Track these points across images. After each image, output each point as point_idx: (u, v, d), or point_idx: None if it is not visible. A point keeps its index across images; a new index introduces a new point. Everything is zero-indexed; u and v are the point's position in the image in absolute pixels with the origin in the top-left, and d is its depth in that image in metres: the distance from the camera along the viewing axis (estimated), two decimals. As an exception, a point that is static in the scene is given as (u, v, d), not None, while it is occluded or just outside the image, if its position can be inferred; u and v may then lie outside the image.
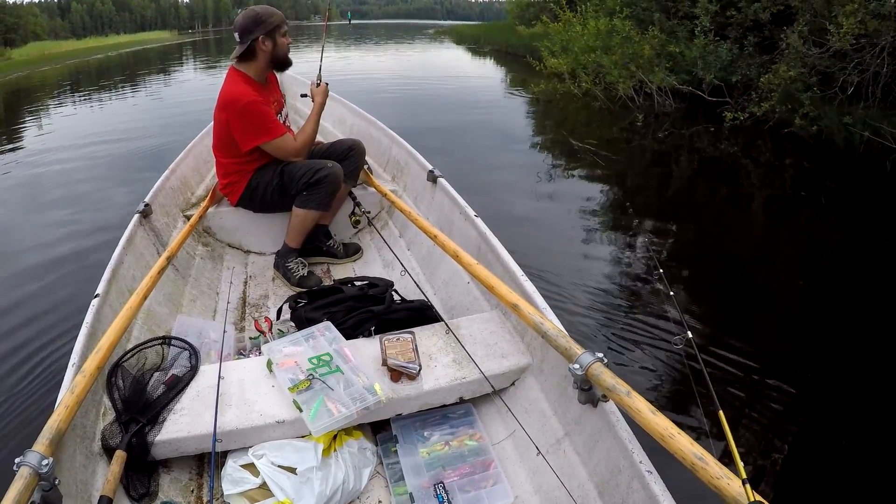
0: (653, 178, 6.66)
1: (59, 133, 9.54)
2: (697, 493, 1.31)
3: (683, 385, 2.80)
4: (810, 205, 5.66)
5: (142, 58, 30.17)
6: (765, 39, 8.49)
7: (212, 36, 75.11)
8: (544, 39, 13.22)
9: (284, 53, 2.95)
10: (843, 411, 2.73)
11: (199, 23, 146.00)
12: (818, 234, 4.91)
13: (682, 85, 9.22)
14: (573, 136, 7.76)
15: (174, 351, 2.05)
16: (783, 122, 7.45)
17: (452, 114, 10.23)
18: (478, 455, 1.88)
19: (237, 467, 1.73)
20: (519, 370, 2.04)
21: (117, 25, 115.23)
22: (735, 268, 4.18)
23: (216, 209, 3.26)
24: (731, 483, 1.14)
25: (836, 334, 3.32)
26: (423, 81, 15.25)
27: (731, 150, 7.38)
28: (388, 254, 3.13)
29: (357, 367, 1.92)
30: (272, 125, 2.85)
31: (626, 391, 1.41)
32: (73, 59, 31.79)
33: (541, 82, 10.87)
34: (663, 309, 3.29)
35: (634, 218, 3.04)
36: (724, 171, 6.82)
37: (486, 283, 2.04)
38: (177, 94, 14.49)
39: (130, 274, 2.42)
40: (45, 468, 1.29)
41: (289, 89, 4.94)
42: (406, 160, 3.66)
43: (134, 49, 40.11)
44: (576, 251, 4.36)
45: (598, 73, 10.42)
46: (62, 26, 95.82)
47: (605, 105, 9.92)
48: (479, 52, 25.63)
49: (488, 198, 5.25)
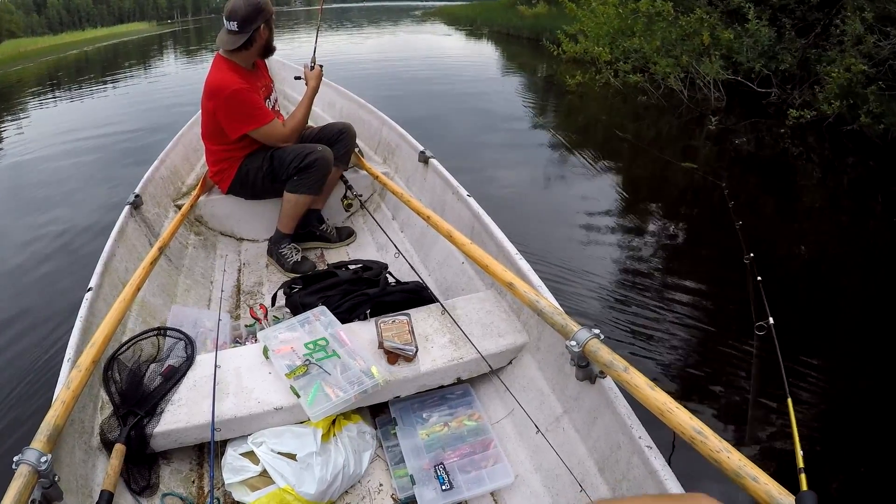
0: (742, 182, 5.75)
1: (40, 131, 9.39)
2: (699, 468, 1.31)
3: (744, 370, 2.77)
4: (877, 208, 5.13)
5: (121, 51, 29.44)
6: (799, 21, 7.59)
7: (191, 26, 74.18)
8: (558, 21, 12.29)
9: (272, 41, 2.92)
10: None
11: (178, 13, 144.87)
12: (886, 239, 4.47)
13: (731, 75, 8.06)
14: (650, 146, 6.80)
15: (170, 342, 2.04)
16: (841, 119, 6.55)
17: (480, 115, 8.64)
18: (477, 435, 1.89)
19: (237, 456, 1.73)
20: (516, 349, 2.04)
21: (95, 19, 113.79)
22: (804, 267, 4.01)
23: (207, 197, 3.24)
24: (731, 456, 1.14)
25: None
26: (430, 71, 13.49)
27: (792, 149, 6.59)
28: (381, 236, 3.12)
29: (353, 350, 1.91)
30: (260, 112, 2.82)
31: (624, 367, 1.40)
32: (50, 56, 30.82)
33: (576, 73, 9.14)
34: (737, 295, 3.14)
35: (735, 218, 2.94)
36: (785, 170, 6.07)
37: (480, 263, 2.03)
38: (158, 86, 14.15)
39: (123, 266, 2.40)
40: (44, 465, 1.29)
41: (277, 74, 4.90)
42: (397, 142, 3.64)
43: (112, 42, 39.14)
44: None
45: (637, 61, 9.00)
46: (38, 22, 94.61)
47: (654, 99, 8.62)
48: (478, 35, 24.49)
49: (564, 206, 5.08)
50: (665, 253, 4.14)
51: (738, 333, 2.98)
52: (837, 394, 2.70)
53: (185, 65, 20.67)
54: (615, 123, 8.05)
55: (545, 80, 12.37)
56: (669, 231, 4.49)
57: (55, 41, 55.34)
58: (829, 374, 2.79)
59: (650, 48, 8.51)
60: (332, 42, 22.52)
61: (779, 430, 2.40)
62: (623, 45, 9.08)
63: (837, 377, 2.80)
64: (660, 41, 8.39)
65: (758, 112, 7.75)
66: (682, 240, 4.40)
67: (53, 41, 55.65)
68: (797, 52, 7.48)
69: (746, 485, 1.10)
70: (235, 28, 2.71)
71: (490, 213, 2.52)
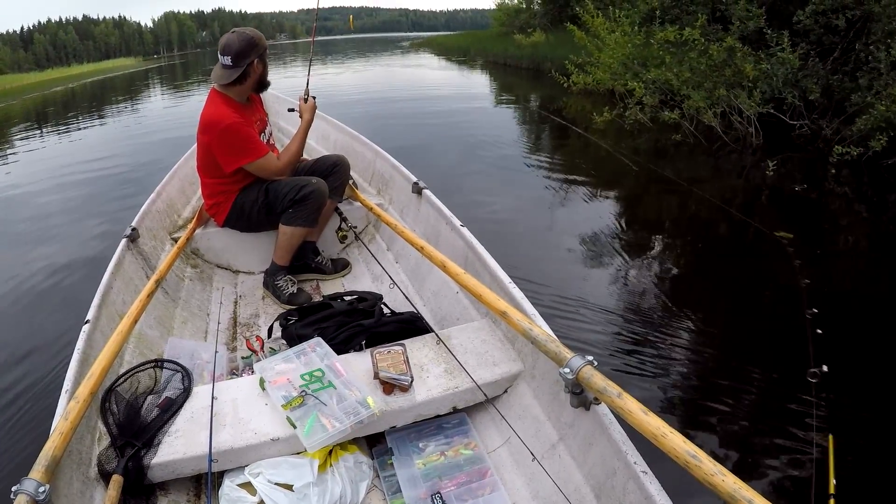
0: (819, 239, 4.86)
1: (29, 168, 9.35)
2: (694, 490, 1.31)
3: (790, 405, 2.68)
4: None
5: (108, 86, 29.44)
6: (816, 45, 6.96)
7: (177, 60, 74.29)
8: (558, 49, 11.84)
9: (266, 76, 2.97)
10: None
11: (164, 48, 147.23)
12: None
13: (768, 109, 7.25)
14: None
15: (167, 373, 2.05)
16: (882, 152, 5.99)
17: (493, 153, 7.97)
18: (474, 464, 1.89)
19: (234, 487, 1.73)
20: (511, 377, 2.05)
21: (81, 55, 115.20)
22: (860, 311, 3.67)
23: (203, 230, 3.26)
24: (726, 479, 1.15)
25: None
26: (434, 108, 12.55)
27: (836, 187, 6.00)
28: (376, 267, 3.14)
29: (349, 381, 1.92)
30: (254, 146, 2.86)
31: (618, 393, 1.42)
32: (34, 93, 30.61)
33: (604, 111, 8.29)
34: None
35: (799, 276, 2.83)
36: (831, 209, 5.57)
37: (474, 292, 2.05)
38: (146, 120, 14.20)
39: (120, 299, 2.42)
40: (41, 495, 1.29)
41: (271, 107, 4.96)
42: (391, 173, 3.68)
43: (98, 78, 38.96)
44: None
45: (657, 93, 8.27)
46: (25, 58, 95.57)
47: (689, 137, 7.75)
48: (474, 65, 23.99)
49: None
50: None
51: (787, 380, 2.89)
52: (879, 437, 2.56)
53: (171, 99, 20.74)
54: (658, 167, 6.91)
55: (552, 111, 11.24)
56: (728, 282, 4.14)
57: (41, 77, 55.81)
58: (872, 415, 2.67)
59: (678, 80, 7.75)
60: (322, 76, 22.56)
61: (809, 466, 2.36)
62: (646, 76, 8.33)
63: (882, 422, 2.66)
64: (689, 72, 7.65)
65: (788, 145, 7.18)
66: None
67: (39, 77, 56.09)
68: (821, 79, 6.94)
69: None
70: (229, 63, 2.76)
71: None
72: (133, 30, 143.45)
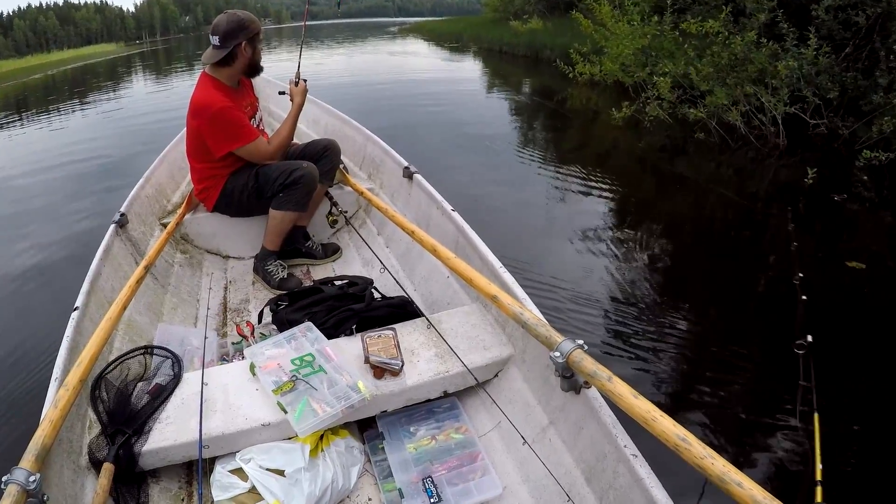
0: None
1: (11, 154, 9.24)
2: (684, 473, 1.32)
3: (778, 382, 2.72)
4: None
5: (90, 72, 28.86)
6: (826, 42, 6.49)
7: (160, 46, 72.62)
8: (557, 37, 11.49)
9: (259, 60, 2.94)
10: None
11: (146, 33, 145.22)
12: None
13: (792, 108, 6.77)
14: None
15: (157, 360, 2.04)
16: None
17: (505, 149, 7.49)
18: (465, 448, 1.90)
19: (226, 473, 1.73)
20: (501, 361, 2.05)
21: (62, 40, 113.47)
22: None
23: (193, 215, 3.24)
24: (715, 462, 1.15)
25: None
26: (425, 91, 12.37)
27: (864, 192, 5.53)
28: (366, 252, 3.14)
29: (340, 365, 1.93)
30: (244, 130, 2.84)
31: (608, 376, 1.42)
32: (11, 82, 29.83)
33: (623, 106, 7.72)
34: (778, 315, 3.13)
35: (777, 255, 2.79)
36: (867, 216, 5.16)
37: (464, 277, 2.05)
38: (130, 105, 13.98)
39: (109, 285, 2.40)
40: (32, 484, 1.29)
41: (262, 91, 4.92)
42: (381, 158, 3.67)
43: (80, 64, 38.21)
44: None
45: (682, 88, 7.77)
46: (4, 44, 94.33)
47: (713, 136, 7.17)
48: (466, 52, 23.25)
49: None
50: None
51: (775, 356, 2.95)
52: (866, 418, 2.58)
53: (154, 84, 20.46)
54: (662, 161, 6.91)
55: (560, 105, 10.77)
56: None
57: (19, 64, 55.11)
58: (859, 399, 2.70)
59: (699, 76, 7.20)
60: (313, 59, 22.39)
61: (798, 447, 2.38)
62: (663, 69, 7.75)
63: (869, 402, 2.70)
64: (712, 67, 7.09)
65: (806, 145, 6.78)
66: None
67: (17, 64, 55.37)
68: (835, 77, 6.59)
69: (731, 490, 1.12)
70: (218, 43, 2.76)
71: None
72: (115, 15, 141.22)
